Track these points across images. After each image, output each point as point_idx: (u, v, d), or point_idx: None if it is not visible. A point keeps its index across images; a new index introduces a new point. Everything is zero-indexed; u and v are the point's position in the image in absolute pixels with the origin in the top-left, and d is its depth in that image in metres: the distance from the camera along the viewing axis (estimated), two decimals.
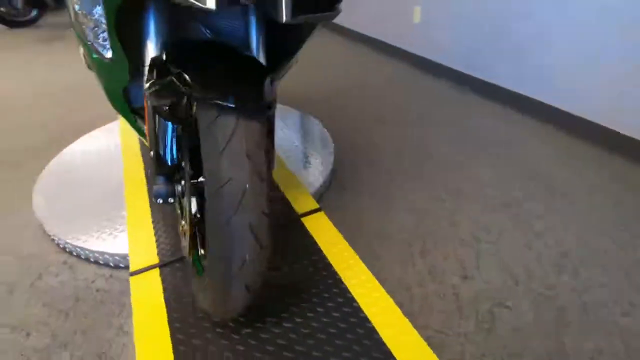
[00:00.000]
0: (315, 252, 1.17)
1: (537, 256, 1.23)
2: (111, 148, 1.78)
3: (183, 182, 0.88)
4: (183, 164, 0.86)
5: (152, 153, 0.82)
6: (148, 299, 1.02)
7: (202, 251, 0.90)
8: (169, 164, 0.82)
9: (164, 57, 0.73)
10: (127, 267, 1.18)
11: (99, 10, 0.76)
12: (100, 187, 1.49)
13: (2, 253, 1.28)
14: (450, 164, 1.74)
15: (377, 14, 3.28)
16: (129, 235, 1.22)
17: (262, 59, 0.89)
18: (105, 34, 0.78)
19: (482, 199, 1.51)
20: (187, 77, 0.66)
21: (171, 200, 0.89)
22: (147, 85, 0.76)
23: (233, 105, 0.64)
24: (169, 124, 0.79)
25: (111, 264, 1.20)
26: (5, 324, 1.04)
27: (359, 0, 3.48)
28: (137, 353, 0.89)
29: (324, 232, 1.25)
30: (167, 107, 0.72)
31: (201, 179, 0.79)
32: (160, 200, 0.84)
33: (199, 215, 0.87)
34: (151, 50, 0.81)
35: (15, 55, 3.56)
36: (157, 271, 1.11)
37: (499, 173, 1.67)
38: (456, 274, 1.18)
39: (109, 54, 0.82)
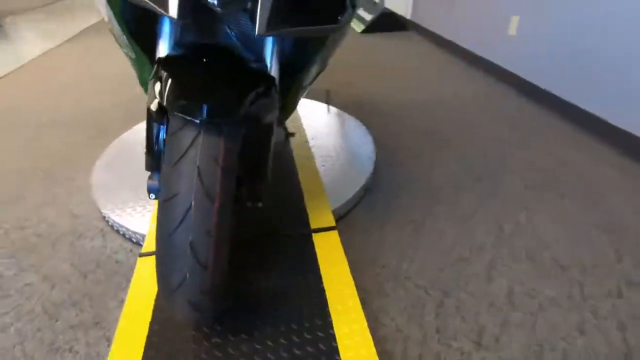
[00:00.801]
0: (313, 273, 1.11)
1: (585, 349, 0.98)
2: None
3: None
4: None
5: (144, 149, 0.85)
6: (146, 283, 1.08)
7: None
8: (158, 161, 0.85)
9: (163, 60, 0.75)
10: None
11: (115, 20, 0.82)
12: None
13: (59, 210, 1.49)
14: (515, 205, 1.50)
15: (471, 21, 2.99)
16: (152, 218, 1.31)
17: (274, 69, 0.86)
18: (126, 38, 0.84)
19: (538, 255, 1.26)
20: (164, 83, 0.66)
21: None
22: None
23: (193, 119, 0.62)
24: (159, 124, 0.81)
25: (133, 240, 1.30)
26: (42, 273, 1.21)
27: (453, 6, 3.21)
28: (114, 341, 0.94)
29: (330, 253, 1.18)
30: (154, 109, 0.74)
31: None
32: (152, 196, 0.88)
33: None
34: (164, 51, 0.83)
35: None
36: None
37: (572, 228, 1.38)
38: (469, 339, 1.01)
39: (132, 54, 0.88)
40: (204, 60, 0.73)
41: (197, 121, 0.63)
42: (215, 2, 0.65)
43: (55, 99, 2.61)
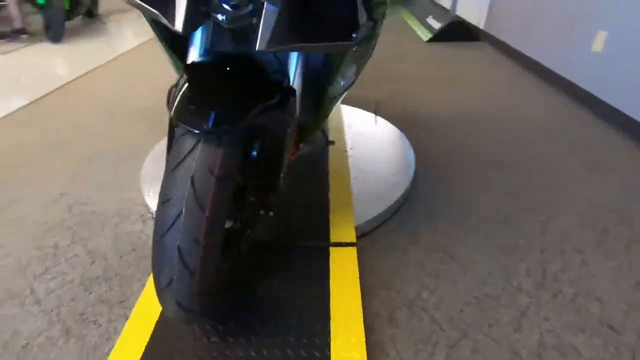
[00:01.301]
0: (322, 288, 1.09)
1: None
2: None
3: None
4: None
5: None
6: None
7: None
8: None
9: (185, 68, 0.79)
10: None
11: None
12: None
13: (114, 193, 1.65)
14: (568, 246, 1.33)
15: (549, 34, 2.71)
16: None
17: (297, 81, 0.85)
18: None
19: (585, 309, 1.10)
20: (175, 92, 0.69)
21: None
22: None
23: (192, 129, 0.64)
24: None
25: None
26: (88, 248, 1.35)
27: (533, 18, 2.94)
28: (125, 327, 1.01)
29: (344, 270, 1.15)
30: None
31: None
32: None
33: None
34: (190, 59, 0.86)
35: None
36: None
37: (634, 286, 1.18)
38: None
39: (172, 63, 0.94)
40: (225, 70, 0.75)
41: (196, 131, 0.65)
42: (223, 19, 0.67)
43: (136, 88, 2.90)
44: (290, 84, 0.86)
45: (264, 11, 0.61)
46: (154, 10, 0.73)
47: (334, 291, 1.07)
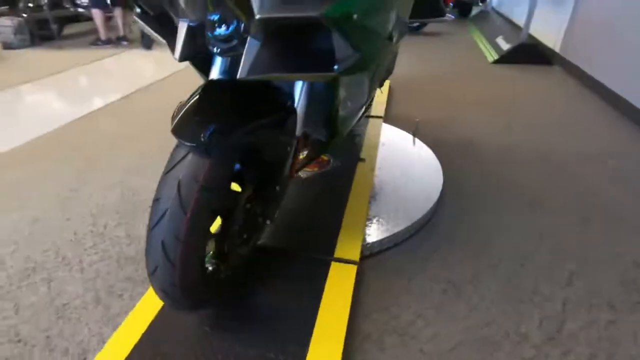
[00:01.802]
0: (312, 303, 1.11)
1: None
2: None
3: None
4: None
5: None
6: None
7: None
8: None
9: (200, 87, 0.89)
10: None
11: None
12: None
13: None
14: (594, 303, 1.20)
15: (635, 63, 2.42)
16: None
17: (302, 102, 0.92)
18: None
19: None
20: (181, 104, 0.80)
21: None
22: None
23: (182, 141, 0.74)
24: None
25: None
26: (128, 231, 1.55)
27: (620, 43, 2.66)
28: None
29: (339, 287, 1.17)
30: None
31: None
32: None
33: None
34: (209, 77, 0.97)
35: None
36: None
37: None
38: None
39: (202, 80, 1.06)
40: (233, 89, 0.85)
41: (185, 144, 0.75)
42: (215, 50, 0.77)
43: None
44: (295, 104, 0.93)
45: (247, 43, 0.70)
46: (160, 38, 0.86)
47: (323, 306, 1.11)
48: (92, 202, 1.73)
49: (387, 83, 3.02)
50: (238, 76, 0.69)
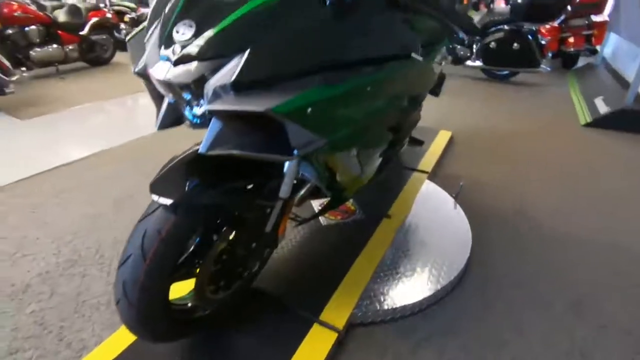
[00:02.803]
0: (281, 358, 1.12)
1: None
2: None
3: None
4: None
5: None
6: None
7: None
8: None
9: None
10: None
11: None
12: None
13: None
14: None
15: None
16: None
17: (291, 171, 0.95)
18: None
19: None
20: (171, 159, 0.89)
21: None
22: None
23: (151, 195, 0.83)
24: None
25: None
26: None
27: None
28: None
29: (313, 352, 1.15)
30: None
31: None
32: None
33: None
34: None
35: None
36: None
37: None
38: None
39: None
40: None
41: (155, 199, 0.84)
42: (189, 125, 0.84)
43: None
44: (284, 169, 0.96)
45: (211, 121, 0.76)
46: (154, 103, 0.97)
47: None
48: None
49: (447, 134, 2.89)
50: (199, 151, 0.76)
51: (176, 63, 0.73)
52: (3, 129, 3.11)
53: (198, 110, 0.82)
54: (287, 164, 0.95)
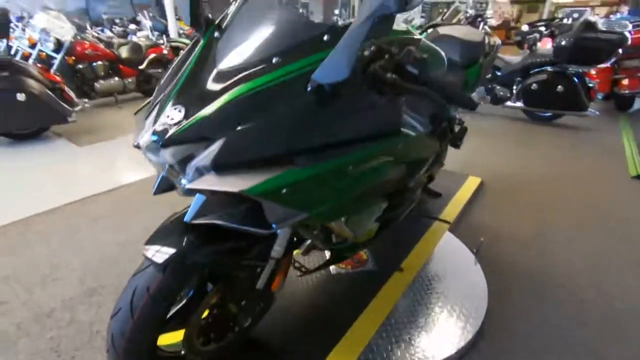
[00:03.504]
0: None
1: None
2: None
3: None
4: None
5: None
6: None
7: None
8: None
9: None
10: None
11: None
12: None
13: None
14: None
15: None
16: None
17: (284, 231, 0.97)
18: None
19: None
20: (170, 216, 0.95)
21: None
22: None
23: (143, 254, 0.87)
24: None
25: None
26: None
27: None
28: None
29: None
30: None
31: None
32: None
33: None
34: None
35: None
36: None
37: None
38: None
39: None
40: None
41: (145, 257, 0.89)
42: (179, 193, 0.89)
43: None
44: (278, 231, 0.98)
45: (196, 194, 0.81)
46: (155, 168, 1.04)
47: None
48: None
49: (476, 180, 2.78)
50: (185, 219, 0.81)
51: (164, 145, 0.79)
52: (62, 155, 3.47)
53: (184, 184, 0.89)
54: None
